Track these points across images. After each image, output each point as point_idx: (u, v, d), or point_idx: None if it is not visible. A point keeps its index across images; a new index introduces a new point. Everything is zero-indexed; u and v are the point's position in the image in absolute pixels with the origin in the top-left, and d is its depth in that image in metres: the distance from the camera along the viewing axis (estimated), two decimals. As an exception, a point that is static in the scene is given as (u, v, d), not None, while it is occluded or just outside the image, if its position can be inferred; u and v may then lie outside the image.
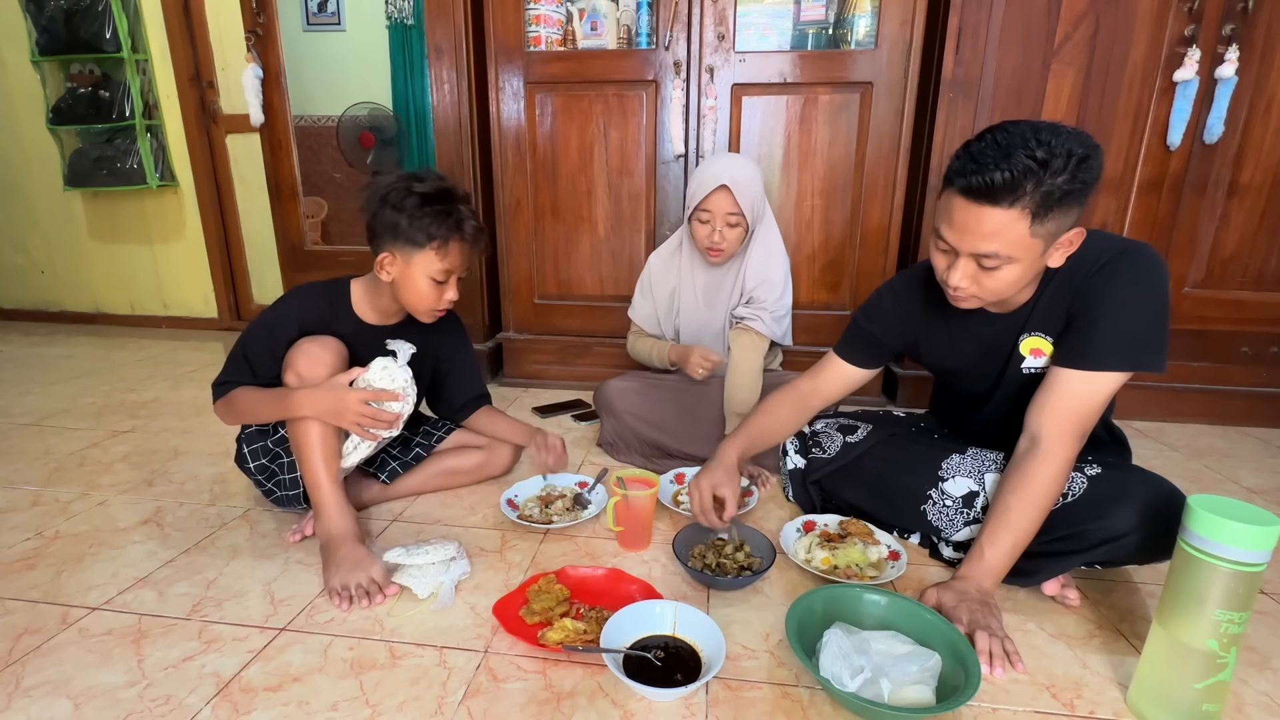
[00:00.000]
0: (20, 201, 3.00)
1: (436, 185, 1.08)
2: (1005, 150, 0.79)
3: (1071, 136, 0.79)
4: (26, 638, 0.89)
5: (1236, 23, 1.56)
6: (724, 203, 1.37)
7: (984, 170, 0.79)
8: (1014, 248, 0.83)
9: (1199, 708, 0.72)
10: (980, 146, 0.81)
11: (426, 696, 0.79)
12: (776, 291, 1.46)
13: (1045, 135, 0.79)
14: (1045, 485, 0.90)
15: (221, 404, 1.12)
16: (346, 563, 1.00)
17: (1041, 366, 0.98)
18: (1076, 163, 0.78)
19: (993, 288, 0.88)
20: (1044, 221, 0.81)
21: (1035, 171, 0.78)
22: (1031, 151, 0.78)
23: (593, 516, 1.23)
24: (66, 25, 2.57)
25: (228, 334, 2.95)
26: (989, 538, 0.92)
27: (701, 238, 1.42)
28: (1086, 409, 0.91)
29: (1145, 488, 0.91)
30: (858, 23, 1.75)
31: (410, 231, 1.06)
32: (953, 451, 1.10)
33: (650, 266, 1.61)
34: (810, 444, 1.27)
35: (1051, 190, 0.78)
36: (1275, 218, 1.69)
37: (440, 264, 1.08)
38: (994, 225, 0.82)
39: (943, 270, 0.92)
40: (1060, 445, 0.90)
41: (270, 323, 1.12)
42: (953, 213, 0.85)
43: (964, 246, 0.86)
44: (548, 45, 1.88)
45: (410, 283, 1.10)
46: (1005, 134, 0.81)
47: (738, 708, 0.78)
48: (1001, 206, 0.80)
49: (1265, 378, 1.80)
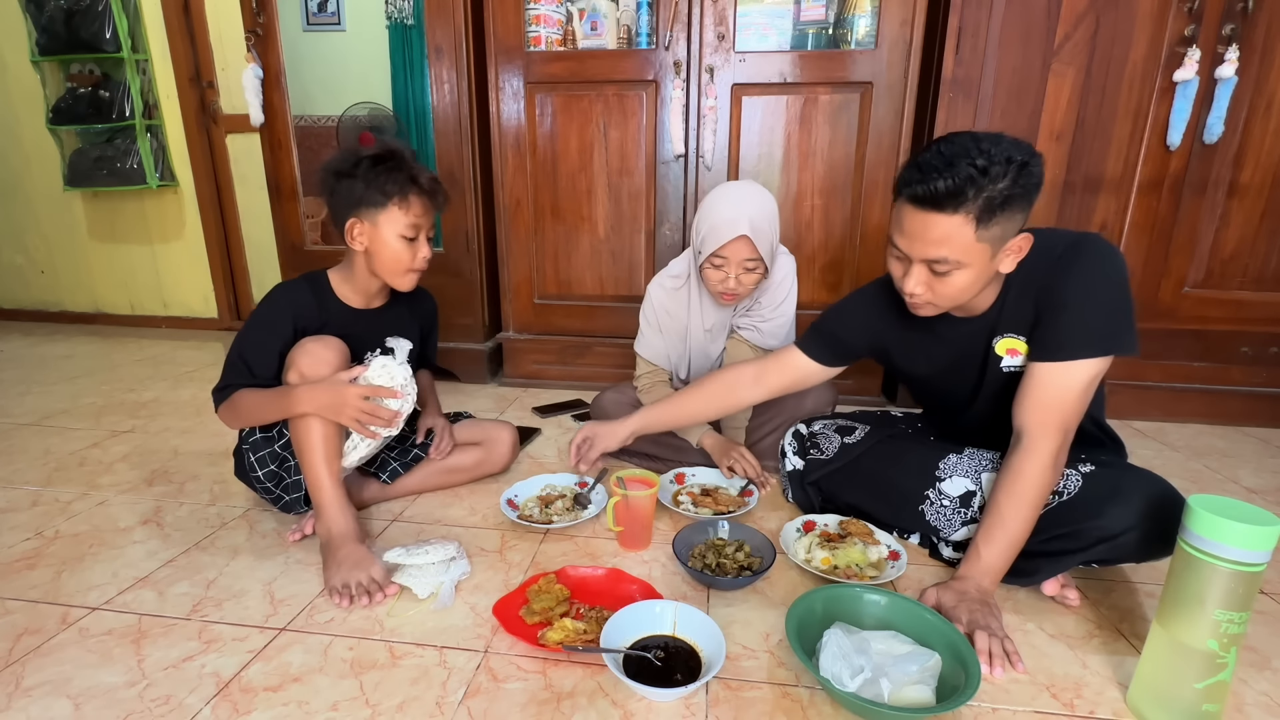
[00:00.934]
0: (20, 201, 3.00)
1: (383, 148, 1.11)
2: (949, 159, 0.83)
3: (1011, 145, 0.83)
4: (26, 638, 0.89)
5: (1236, 23, 1.56)
6: (742, 250, 1.25)
7: (929, 179, 0.83)
8: (962, 252, 0.86)
9: (1199, 708, 0.72)
10: (926, 157, 0.85)
11: (426, 696, 0.79)
12: (779, 297, 1.41)
13: (986, 144, 0.83)
14: (1033, 480, 0.90)
15: (225, 408, 1.12)
16: (347, 562, 1.00)
17: (1020, 365, 0.99)
18: (1017, 169, 0.82)
19: (946, 293, 0.91)
20: (989, 226, 0.84)
21: (977, 179, 0.82)
22: (973, 160, 0.82)
23: (593, 516, 1.23)
24: (66, 25, 2.57)
25: (228, 334, 2.95)
26: (984, 538, 0.93)
27: (714, 283, 1.31)
28: (1065, 400, 0.91)
29: (1141, 485, 0.91)
30: (858, 23, 1.75)
31: (369, 194, 1.08)
32: (950, 451, 1.11)
33: (654, 299, 1.46)
34: (809, 445, 1.27)
35: (994, 196, 0.82)
36: (1275, 218, 1.69)
37: (405, 218, 1.10)
38: (942, 231, 0.85)
39: (899, 277, 0.95)
40: (1043, 439, 0.91)
41: (264, 322, 1.12)
42: (903, 220, 0.89)
43: (915, 253, 0.89)
44: (548, 45, 1.88)
45: (382, 245, 1.11)
46: (949, 144, 0.85)
47: (738, 708, 0.78)
48: (946, 213, 0.84)
49: (1265, 378, 1.80)
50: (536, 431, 1.72)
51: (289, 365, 1.08)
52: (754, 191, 1.29)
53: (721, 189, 1.31)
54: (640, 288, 2.00)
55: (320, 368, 1.06)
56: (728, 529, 1.11)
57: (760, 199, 1.28)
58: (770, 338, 1.41)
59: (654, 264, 1.97)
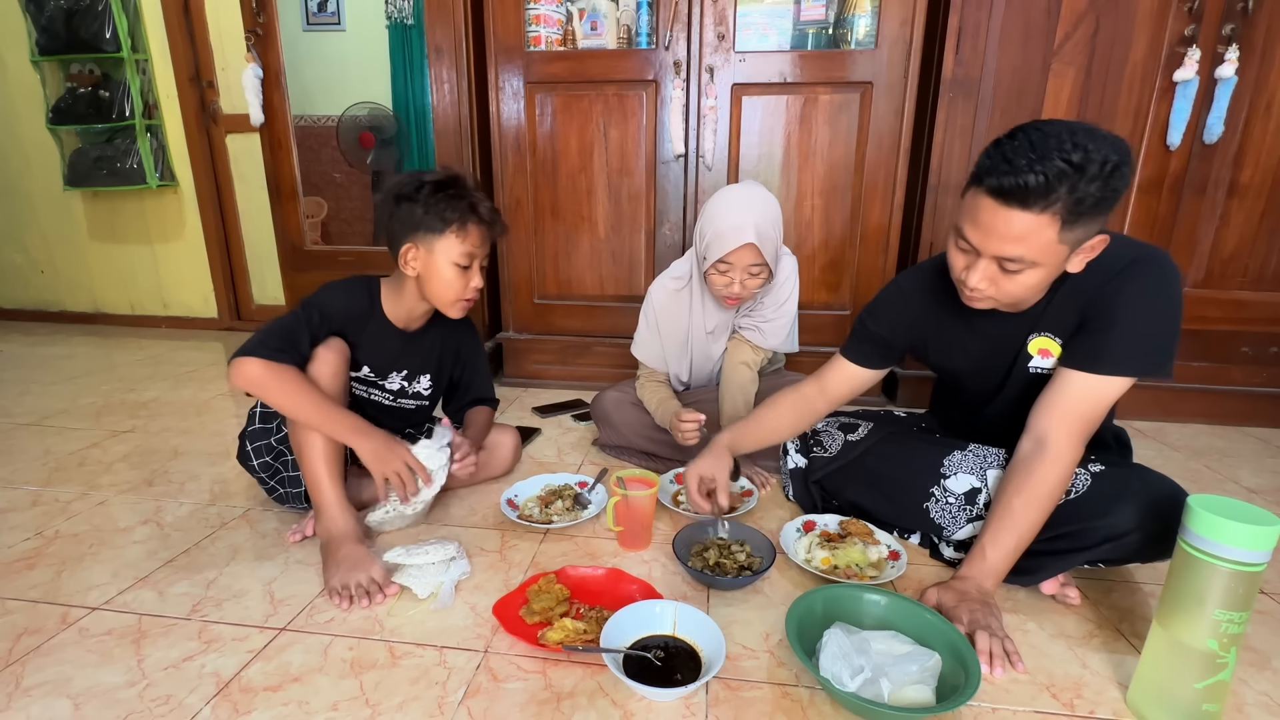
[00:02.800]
0: (20, 201, 3.00)
1: (446, 174, 1.11)
2: (1041, 151, 0.75)
3: (1107, 141, 0.76)
4: (26, 638, 0.89)
5: (1236, 23, 1.56)
6: (747, 256, 1.25)
7: (1017, 171, 0.76)
8: (1039, 253, 0.80)
9: (1199, 708, 0.72)
10: (1013, 145, 0.78)
11: (426, 696, 0.79)
12: (781, 297, 1.40)
13: (1081, 138, 0.75)
14: (1051, 488, 0.90)
15: (260, 368, 1.00)
16: (347, 562, 1.00)
17: (1048, 367, 0.97)
18: (1111, 170, 0.75)
19: (1011, 290, 0.86)
20: (1073, 228, 0.78)
21: (1070, 175, 0.75)
22: (1067, 155, 0.74)
23: (593, 516, 1.23)
24: (66, 25, 2.57)
25: (228, 334, 2.95)
26: (991, 538, 0.92)
27: (719, 287, 1.30)
28: (1094, 412, 0.90)
29: (1149, 485, 0.91)
30: (858, 22, 1.75)
31: (428, 219, 1.08)
32: (954, 449, 1.10)
33: (655, 300, 1.45)
34: (811, 443, 1.27)
35: (1084, 197, 0.76)
36: (1275, 218, 1.69)
37: (461, 246, 1.10)
38: (1022, 229, 0.79)
39: (960, 270, 0.89)
40: (1068, 447, 0.90)
41: (321, 306, 1.11)
42: (979, 213, 0.82)
43: (988, 249, 0.83)
44: (548, 45, 1.88)
45: (435, 272, 1.11)
46: (1039, 134, 0.77)
47: (738, 708, 0.78)
48: (1032, 211, 0.77)
49: (1265, 378, 1.80)
50: (536, 431, 1.72)
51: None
52: (758, 196, 1.28)
53: (725, 194, 1.30)
54: (640, 288, 2.00)
55: (319, 365, 1.08)
56: (728, 529, 1.11)
57: (764, 204, 1.27)
58: (772, 337, 1.40)
59: (654, 264, 1.97)
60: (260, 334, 1.04)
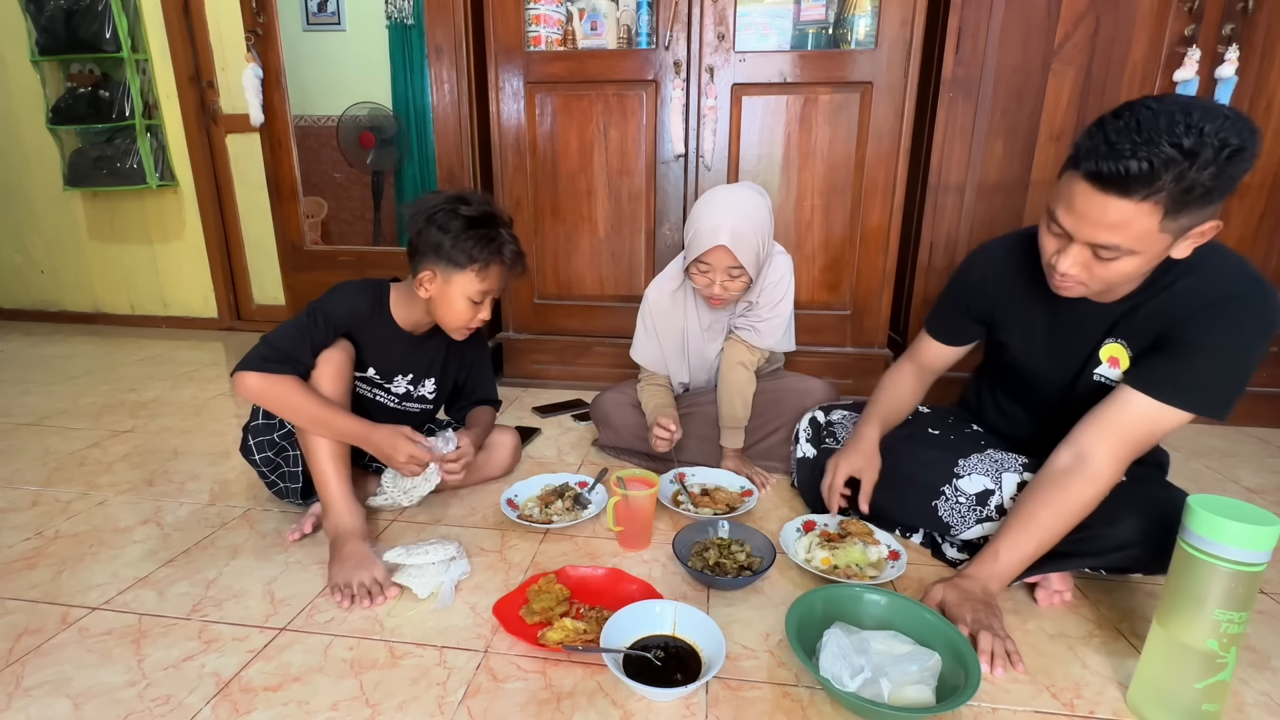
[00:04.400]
0: (20, 201, 3.00)
1: (481, 209, 1.09)
2: (1147, 135, 0.69)
3: (1228, 122, 0.68)
4: (26, 638, 0.89)
5: (1236, 23, 1.56)
6: (723, 258, 1.24)
7: (1119, 156, 0.70)
8: (1138, 241, 0.74)
9: (1199, 708, 0.72)
10: (1118, 125, 0.71)
11: (426, 696, 0.79)
12: (776, 296, 1.39)
13: (1197, 118, 0.68)
14: (1082, 506, 0.87)
15: (259, 382, 1.02)
16: (350, 560, 1.00)
17: (1114, 378, 0.92)
18: (1228, 156, 0.68)
19: (1105, 277, 0.80)
20: (1177, 217, 0.72)
21: (1179, 162, 0.68)
22: (1178, 139, 0.68)
23: (593, 516, 1.23)
24: (66, 25, 2.57)
25: (228, 334, 2.95)
26: (1009, 543, 0.90)
27: (701, 287, 1.31)
28: (1146, 439, 0.85)
29: (1159, 499, 0.89)
30: (858, 22, 1.75)
31: (453, 252, 1.07)
32: (971, 451, 1.09)
33: (650, 302, 1.45)
34: (824, 434, 1.26)
35: (1193, 185, 0.69)
36: (1275, 218, 1.69)
37: (479, 285, 1.10)
38: (1120, 217, 0.73)
39: (1051, 254, 0.83)
40: (1108, 469, 0.86)
41: (327, 310, 1.11)
42: (1074, 197, 0.76)
43: (1082, 234, 0.78)
44: (548, 45, 1.88)
45: (447, 301, 1.12)
46: (1149, 113, 0.70)
47: (738, 708, 0.78)
48: (1133, 199, 0.71)
49: (1265, 378, 1.80)
50: (536, 431, 1.72)
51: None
52: (742, 199, 1.26)
53: (712, 194, 1.29)
54: (640, 287, 2.00)
55: (322, 364, 1.09)
56: (728, 529, 1.11)
57: (747, 208, 1.25)
58: (767, 337, 1.40)
59: (654, 264, 1.97)
60: (262, 345, 1.06)
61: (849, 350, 1.94)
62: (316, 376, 1.08)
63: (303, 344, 1.07)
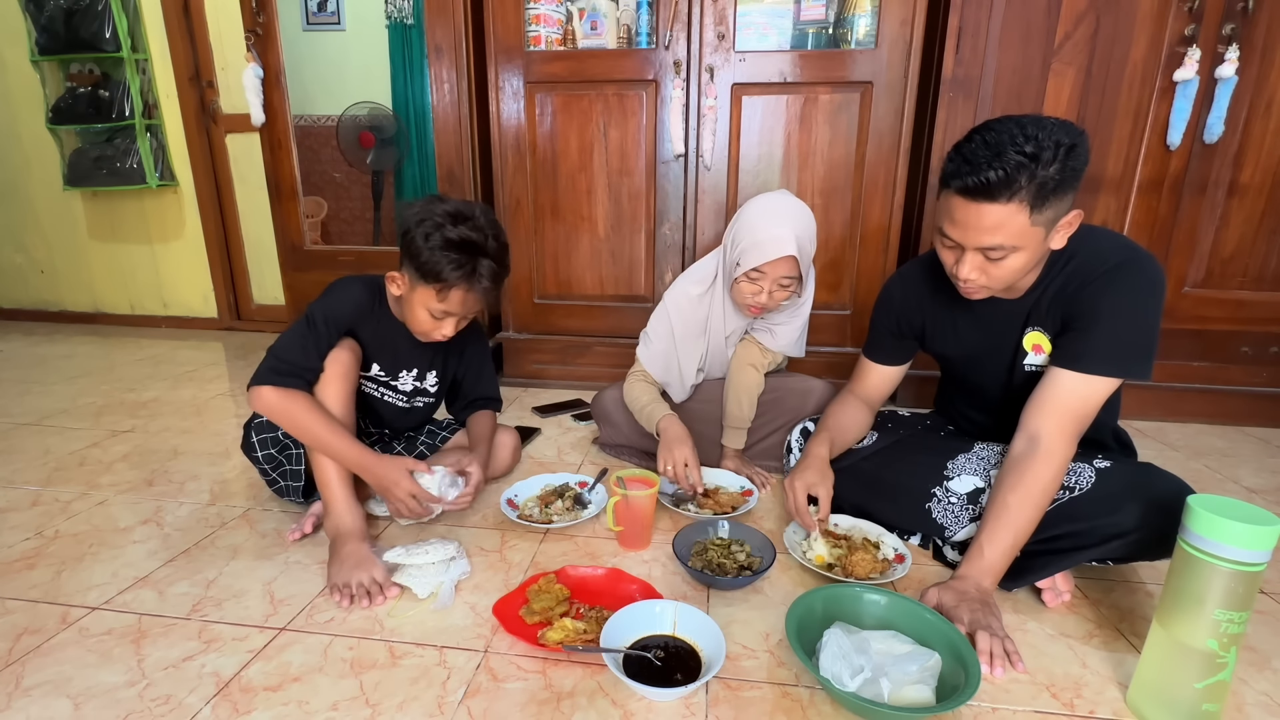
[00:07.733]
0: (20, 201, 3.00)
1: (466, 235, 1.04)
2: (995, 149, 0.82)
3: (1056, 126, 0.82)
4: (26, 638, 0.89)
5: (1236, 22, 1.56)
6: (784, 268, 1.23)
7: (978, 170, 0.82)
8: (1017, 238, 0.86)
9: (1199, 707, 0.72)
10: (971, 147, 0.84)
11: (426, 696, 0.79)
12: (798, 301, 1.37)
13: (1031, 129, 0.82)
14: (1046, 485, 0.91)
15: (275, 397, 1.04)
16: (349, 560, 1.00)
17: (1041, 364, 1.00)
18: (1065, 152, 0.81)
19: (1001, 275, 0.90)
20: (1042, 210, 0.84)
21: (1027, 165, 0.81)
22: (1020, 147, 0.81)
23: (593, 516, 1.23)
24: (66, 25, 2.57)
25: (227, 334, 2.95)
26: (988, 537, 0.92)
27: (746, 296, 1.28)
28: (1084, 409, 0.93)
29: (1154, 482, 0.91)
30: (858, 22, 1.75)
31: (420, 264, 1.05)
32: (959, 451, 1.11)
33: (671, 307, 1.42)
34: None
35: (1045, 181, 0.81)
36: (1275, 218, 1.69)
37: (438, 304, 1.08)
38: (995, 219, 0.85)
39: (951, 265, 0.94)
40: (1061, 445, 0.92)
41: (327, 312, 1.11)
42: (954, 211, 0.88)
43: (969, 242, 0.89)
44: (548, 45, 1.88)
45: (410, 306, 1.11)
46: (993, 132, 0.83)
47: (738, 707, 0.78)
48: (1000, 202, 0.83)
49: (1265, 378, 1.80)
50: (536, 431, 1.72)
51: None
52: (799, 208, 1.27)
53: (766, 202, 1.28)
54: (640, 287, 2.00)
55: (330, 365, 1.09)
56: (728, 529, 1.11)
57: (806, 218, 1.27)
58: (783, 339, 1.40)
59: (654, 264, 1.97)
60: (272, 356, 1.07)
61: (849, 350, 1.94)
62: (323, 380, 1.08)
63: (309, 350, 1.08)
